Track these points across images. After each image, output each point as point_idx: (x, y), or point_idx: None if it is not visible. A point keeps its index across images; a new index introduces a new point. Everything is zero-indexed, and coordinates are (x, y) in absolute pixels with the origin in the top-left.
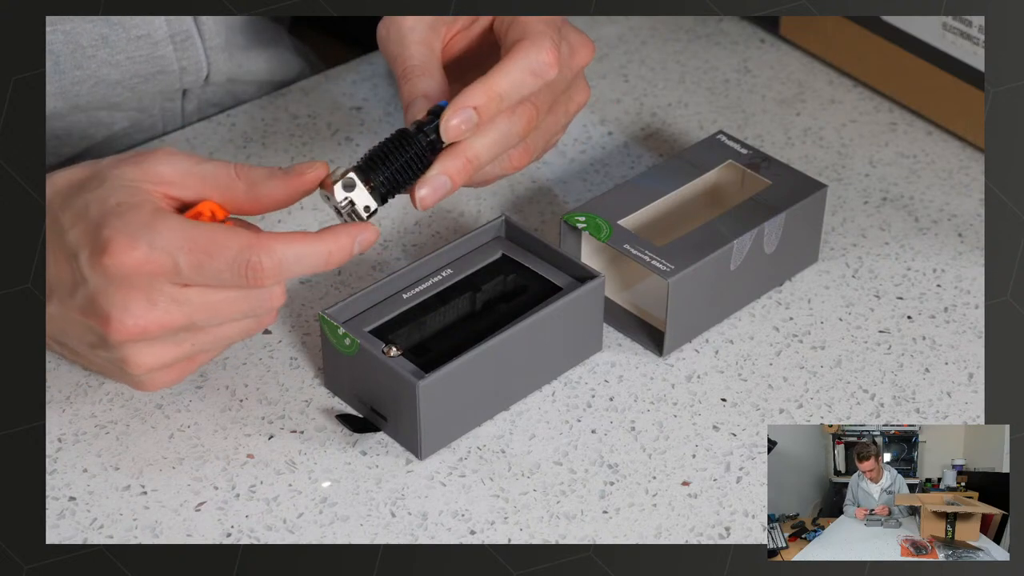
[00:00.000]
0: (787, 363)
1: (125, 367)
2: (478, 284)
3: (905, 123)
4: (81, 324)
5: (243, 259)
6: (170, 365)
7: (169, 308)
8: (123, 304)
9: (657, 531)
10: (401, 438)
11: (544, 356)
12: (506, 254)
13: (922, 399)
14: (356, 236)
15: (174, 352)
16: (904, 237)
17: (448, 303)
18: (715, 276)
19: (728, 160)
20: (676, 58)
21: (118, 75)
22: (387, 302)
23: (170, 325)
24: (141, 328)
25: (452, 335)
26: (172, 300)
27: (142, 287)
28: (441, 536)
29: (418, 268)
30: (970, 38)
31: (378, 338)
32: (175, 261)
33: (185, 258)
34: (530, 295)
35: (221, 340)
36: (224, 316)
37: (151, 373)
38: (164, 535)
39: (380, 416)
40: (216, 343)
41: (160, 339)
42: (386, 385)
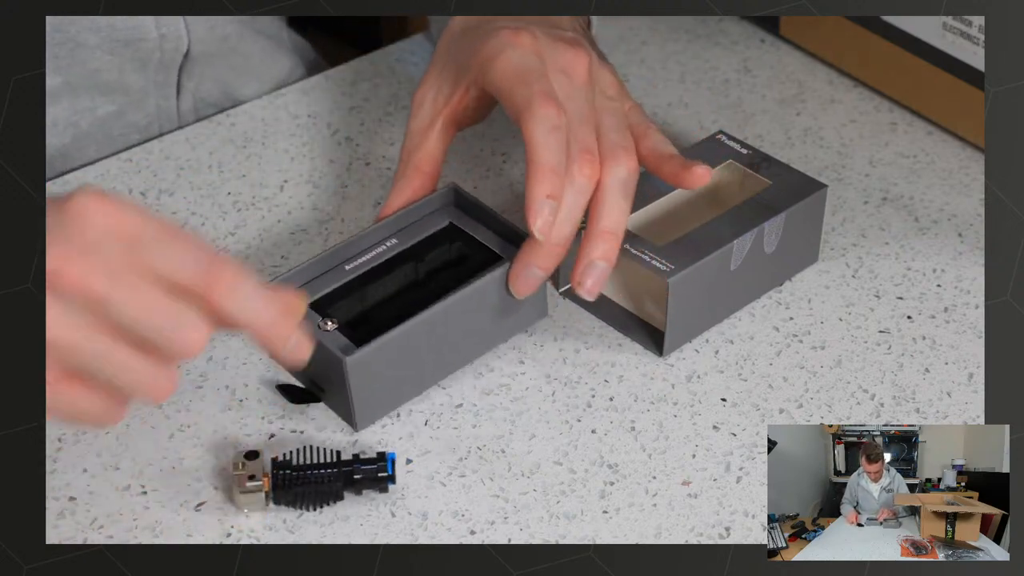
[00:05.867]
0: (787, 363)
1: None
2: (422, 254)
3: (905, 123)
4: None
5: (205, 258)
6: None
7: (94, 265)
8: (65, 239)
9: (657, 531)
10: (338, 411)
11: (482, 326)
12: (454, 223)
13: (922, 399)
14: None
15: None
16: (904, 237)
17: (391, 274)
18: (715, 276)
19: (728, 160)
20: (676, 58)
21: (96, 40)
22: (330, 274)
23: (85, 284)
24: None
25: (391, 307)
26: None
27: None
28: (441, 536)
29: (363, 239)
30: (970, 38)
31: (316, 311)
32: (141, 223)
33: (154, 228)
34: (472, 265)
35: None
36: (141, 312)
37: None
38: (164, 535)
39: (318, 388)
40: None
41: (68, 299)
42: (320, 358)
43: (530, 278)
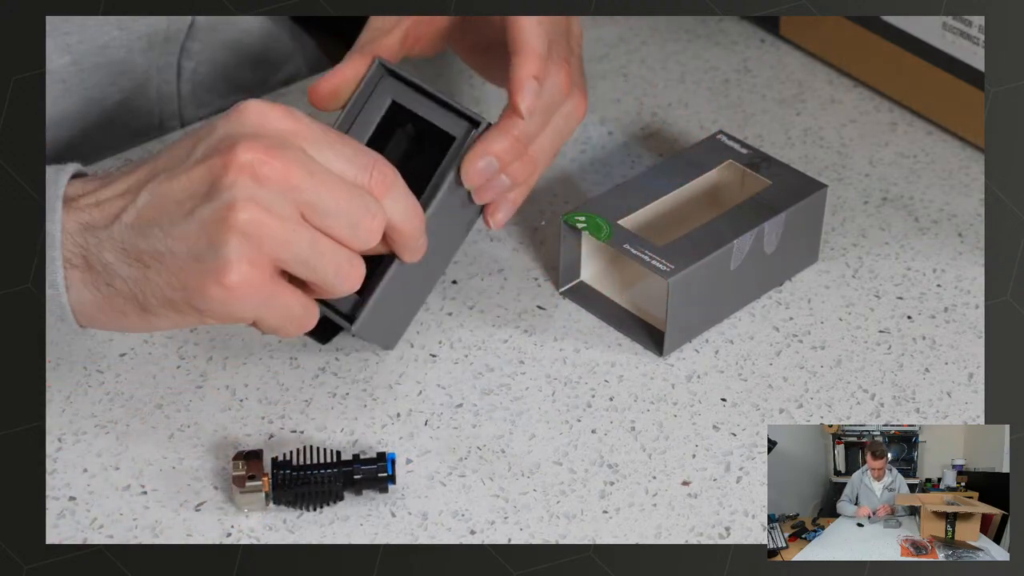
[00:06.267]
0: (787, 363)
1: (227, 215)
2: (382, 145)
3: (905, 123)
4: (188, 182)
5: (372, 158)
6: (264, 243)
7: (290, 158)
8: (253, 136)
9: (657, 531)
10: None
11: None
12: (395, 100)
13: (922, 399)
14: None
15: (275, 220)
16: (904, 237)
17: None
18: (715, 276)
19: (728, 160)
20: (676, 58)
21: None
22: None
23: (286, 174)
24: (261, 158)
25: None
26: (295, 156)
27: (274, 138)
28: (441, 536)
29: None
30: (970, 38)
31: None
32: (311, 127)
33: (321, 130)
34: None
35: (317, 251)
36: (333, 200)
37: (244, 244)
38: (164, 535)
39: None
40: (311, 251)
41: (269, 189)
42: None
43: (487, 169)
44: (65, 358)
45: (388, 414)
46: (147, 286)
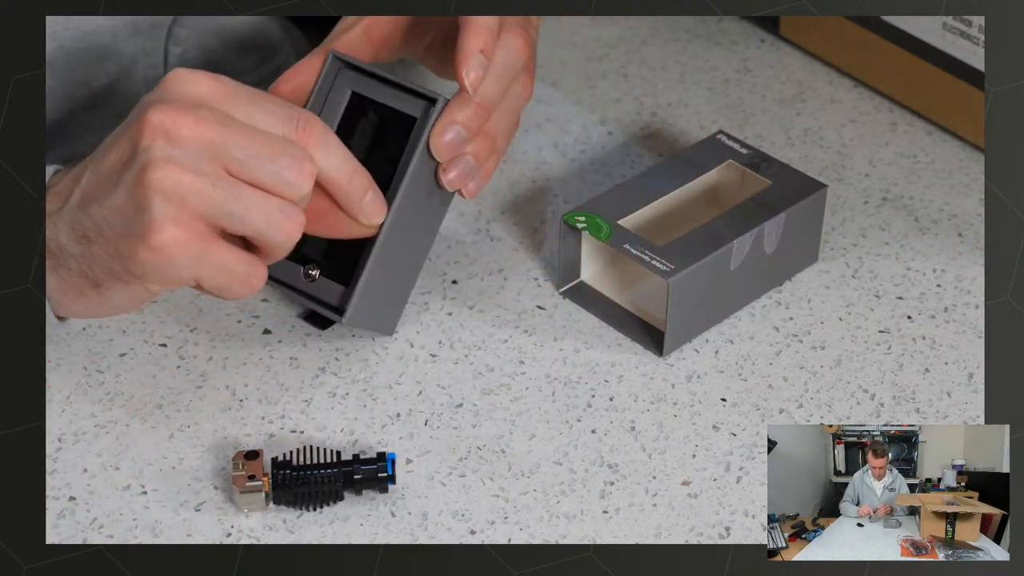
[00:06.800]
0: (787, 363)
1: (144, 178)
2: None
3: (905, 123)
4: (116, 153)
5: (296, 111)
6: (186, 200)
7: (202, 115)
8: (170, 100)
9: (657, 531)
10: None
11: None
12: (355, 91)
13: (922, 399)
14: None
15: (192, 177)
16: (904, 237)
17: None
18: (715, 276)
19: (728, 160)
20: (676, 58)
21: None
22: None
23: (198, 130)
24: (173, 118)
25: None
26: (208, 114)
27: (189, 100)
28: (441, 536)
29: None
30: (970, 38)
31: None
32: (234, 87)
33: (246, 90)
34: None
35: (242, 202)
36: (253, 150)
37: (165, 203)
38: (164, 535)
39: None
40: (236, 203)
41: (185, 147)
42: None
43: (454, 138)
44: (65, 358)
45: (388, 414)
46: (94, 261)
